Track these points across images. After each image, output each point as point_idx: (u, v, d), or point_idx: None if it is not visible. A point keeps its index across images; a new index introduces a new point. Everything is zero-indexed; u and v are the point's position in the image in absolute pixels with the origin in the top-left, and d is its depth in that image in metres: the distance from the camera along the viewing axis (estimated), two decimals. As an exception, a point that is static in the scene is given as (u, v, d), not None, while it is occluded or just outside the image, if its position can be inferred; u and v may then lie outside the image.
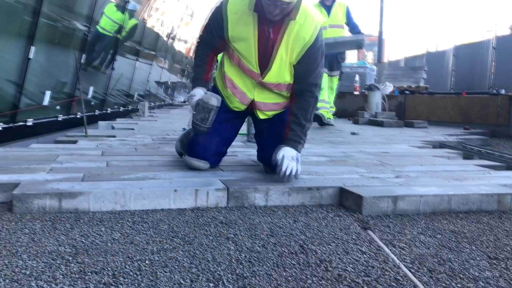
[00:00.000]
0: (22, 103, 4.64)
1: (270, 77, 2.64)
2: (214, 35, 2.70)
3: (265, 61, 2.61)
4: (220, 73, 2.84)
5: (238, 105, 2.77)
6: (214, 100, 2.66)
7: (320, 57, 2.64)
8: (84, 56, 6.29)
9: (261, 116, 2.78)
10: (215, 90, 2.86)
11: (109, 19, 7.22)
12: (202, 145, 2.74)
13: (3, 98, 4.43)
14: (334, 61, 6.68)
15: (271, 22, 2.51)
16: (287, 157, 2.50)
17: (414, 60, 17.43)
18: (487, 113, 7.26)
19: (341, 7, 6.59)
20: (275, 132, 2.71)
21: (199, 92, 2.72)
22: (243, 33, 2.58)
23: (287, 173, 2.45)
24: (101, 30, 7.08)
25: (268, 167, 2.76)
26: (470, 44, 14.01)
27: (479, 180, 2.75)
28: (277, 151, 2.53)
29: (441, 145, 4.98)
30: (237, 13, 2.55)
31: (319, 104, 6.61)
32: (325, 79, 6.52)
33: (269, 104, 2.75)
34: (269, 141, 2.72)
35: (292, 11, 2.46)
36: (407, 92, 9.45)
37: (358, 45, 6.44)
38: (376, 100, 8.32)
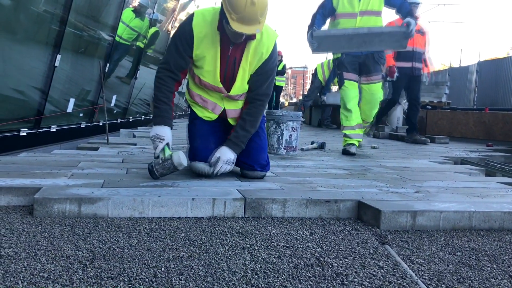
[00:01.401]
0: (47, 109, 4.74)
1: (235, 90, 2.81)
2: (184, 55, 2.70)
3: (228, 77, 2.76)
4: (188, 91, 2.96)
5: (210, 114, 2.90)
6: (183, 165, 2.67)
7: (274, 68, 2.83)
8: (107, 65, 6.40)
9: (234, 122, 2.93)
10: (191, 111, 2.99)
11: (126, 26, 6.78)
12: (201, 149, 2.84)
13: (29, 104, 4.53)
14: (370, 61, 4.62)
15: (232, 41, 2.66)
16: (223, 160, 2.73)
17: (436, 75, 17.25)
18: (511, 129, 7.12)
19: None
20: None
21: (167, 134, 2.67)
22: (206, 52, 2.68)
23: (218, 173, 2.74)
24: (117, 39, 6.60)
25: (248, 171, 2.91)
26: (494, 60, 13.83)
27: (501, 198, 2.69)
28: (215, 152, 2.76)
29: (463, 161, 4.90)
30: (202, 32, 2.65)
31: (348, 132, 4.68)
32: (350, 92, 4.64)
33: (238, 110, 2.91)
34: (249, 146, 2.89)
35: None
36: (429, 107, 9.35)
37: (404, 38, 4.24)
38: (397, 114, 8.25)
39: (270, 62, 2.78)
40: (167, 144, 2.69)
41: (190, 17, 2.68)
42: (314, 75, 10.21)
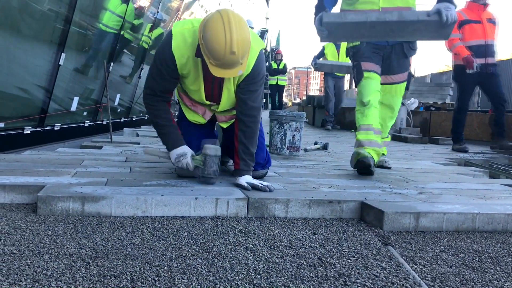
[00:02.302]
0: (51, 108, 4.75)
1: (223, 107, 2.75)
2: (169, 79, 2.60)
3: (214, 96, 2.70)
4: (178, 92, 2.89)
5: (199, 119, 2.84)
6: (218, 149, 2.63)
7: (258, 82, 2.66)
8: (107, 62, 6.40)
9: (225, 125, 2.90)
10: (180, 109, 2.94)
11: (112, 13, 6.17)
12: None
13: (33, 103, 4.55)
14: (396, 55, 3.43)
15: None
16: (243, 186, 2.53)
17: (440, 77, 17.22)
18: (515, 132, 7.08)
19: None
20: None
21: (185, 150, 2.63)
22: (191, 73, 2.60)
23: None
24: (103, 28, 6.05)
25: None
26: (499, 61, 13.77)
27: (505, 200, 2.68)
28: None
29: (466, 163, 4.89)
30: (183, 56, 2.51)
31: (362, 137, 3.29)
32: (371, 83, 3.35)
33: (229, 116, 2.86)
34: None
35: None
36: (433, 108, 9.33)
37: (445, 27, 3.07)
38: (400, 115, 8.23)
39: (252, 78, 2.61)
40: (192, 156, 2.62)
41: (169, 39, 2.50)
42: (325, 78, 10.07)
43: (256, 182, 2.55)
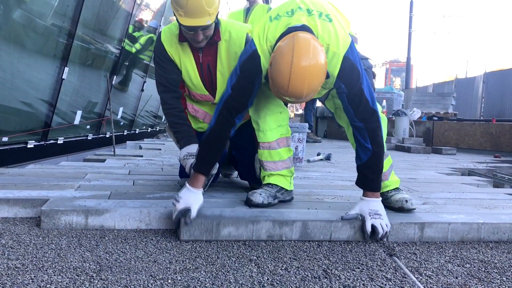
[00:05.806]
0: (54, 121, 4.77)
1: (219, 95, 2.69)
2: (171, 69, 2.64)
3: (207, 84, 2.70)
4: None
5: (201, 125, 2.82)
6: (215, 168, 2.51)
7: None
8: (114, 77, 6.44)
9: None
10: None
11: None
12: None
13: (36, 117, 4.57)
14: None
15: (201, 48, 2.59)
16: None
17: (442, 86, 17.23)
18: (518, 141, 7.08)
19: None
20: (246, 145, 2.81)
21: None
22: (183, 63, 2.64)
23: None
24: None
25: (249, 182, 2.89)
26: (501, 71, 13.80)
27: (510, 209, 2.66)
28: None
29: (470, 172, 4.88)
30: (172, 46, 2.61)
31: (264, 157, 2.52)
32: None
33: None
34: (243, 155, 2.85)
35: (215, 34, 2.55)
36: (435, 118, 9.33)
37: None
38: (403, 125, 8.23)
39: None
40: None
41: (159, 35, 2.66)
42: None
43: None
